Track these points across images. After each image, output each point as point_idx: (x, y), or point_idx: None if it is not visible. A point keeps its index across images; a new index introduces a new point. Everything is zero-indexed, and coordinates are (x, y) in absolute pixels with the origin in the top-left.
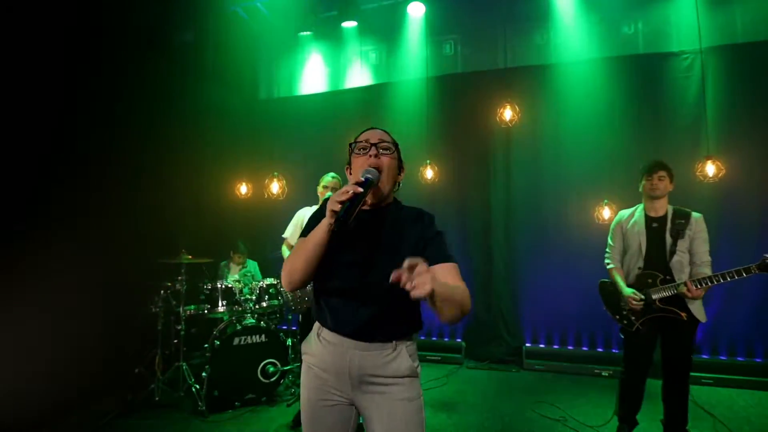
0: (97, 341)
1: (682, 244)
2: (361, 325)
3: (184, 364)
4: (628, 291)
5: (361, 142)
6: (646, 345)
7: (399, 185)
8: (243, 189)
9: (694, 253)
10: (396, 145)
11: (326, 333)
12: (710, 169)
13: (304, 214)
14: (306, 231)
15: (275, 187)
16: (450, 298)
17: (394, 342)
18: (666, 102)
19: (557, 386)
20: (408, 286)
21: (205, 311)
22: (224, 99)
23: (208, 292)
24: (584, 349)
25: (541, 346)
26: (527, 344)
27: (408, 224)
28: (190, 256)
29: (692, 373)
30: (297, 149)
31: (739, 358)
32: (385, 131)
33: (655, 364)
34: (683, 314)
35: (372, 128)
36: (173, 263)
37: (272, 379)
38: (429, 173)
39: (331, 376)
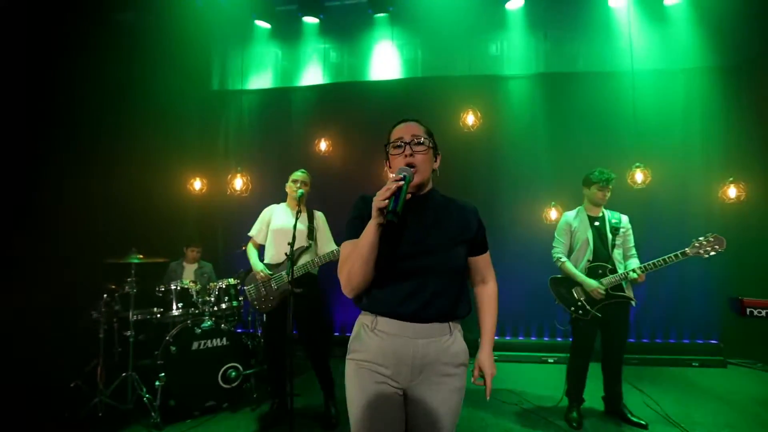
0: (28, 352)
1: (618, 239)
2: (420, 304)
3: (134, 373)
4: (594, 284)
5: (395, 141)
6: (592, 332)
7: (437, 172)
8: (197, 184)
9: (625, 248)
10: (430, 135)
11: (383, 324)
12: (639, 176)
13: (272, 212)
14: (352, 233)
15: (239, 183)
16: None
17: (449, 324)
18: (602, 116)
19: (511, 374)
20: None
21: (158, 315)
22: (173, 86)
23: (161, 294)
24: (533, 338)
25: (495, 337)
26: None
27: (451, 209)
28: (141, 256)
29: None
30: (253, 144)
31: (658, 340)
32: (417, 123)
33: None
34: (633, 299)
35: (404, 122)
36: (121, 263)
37: (234, 384)
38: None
39: (389, 367)
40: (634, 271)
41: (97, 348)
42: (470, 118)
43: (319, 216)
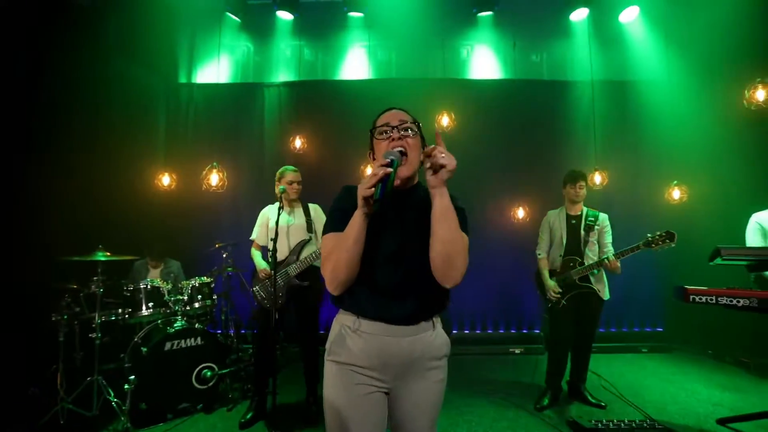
0: None
1: (593, 236)
2: (408, 307)
3: (100, 377)
4: (551, 283)
5: (381, 126)
6: (569, 321)
7: (424, 164)
8: (165, 180)
9: (601, 243)
10: (418, 124)
11: (367, 326)
12: (597, 178)
13: (269, 214)
14: (334, 225)
15: (215, 178)
16: (450, 230)
17: (432, 319)
18: (564, 122)
19: (483, 367)
20: (438, 161)
21: (126, 315)
22: (138, 78)
23: (128, 293)
24: (500, 331)
25: (466, 332)
26: (454, 331)
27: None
28: (108, 253)
29: None
30: (224, 140)
31: (612, 329)
32: (404, 110)
33: None
34: (598, 288)
35: (390, 109)
36: (81, 262)
37: (209, 385)
38: (369, 171)
39: (375, 368)
40: (606, 258)
41: (56, 352)
42: (445, 120)
43: (315, 208)
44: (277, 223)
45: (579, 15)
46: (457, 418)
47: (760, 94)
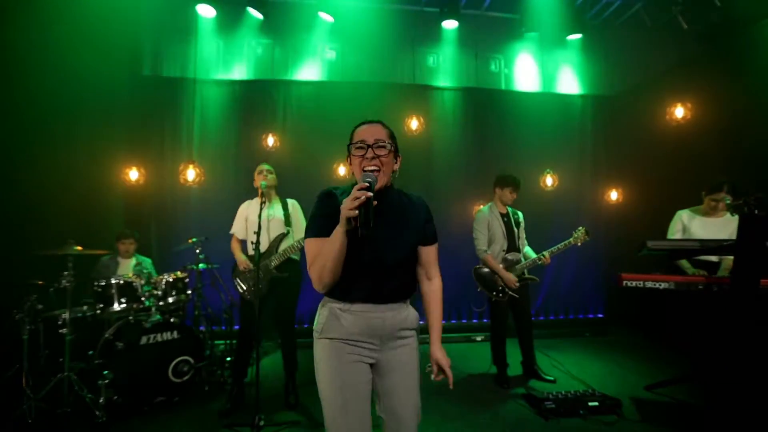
0: None
1: (521, 232)
2: (390, 292)
3: (72, 374)
4: (512, 276)
5: (357, 142)
6: (507, 308)
7: (396, 173)
8: (133, 174)
9: (522, 238)
10: (392, 138)
11: (357, 306)
12: (549, 180)
13: (248, 207)
14: (317, 231)
15: (191, 174)
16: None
17: (407, 300)
18: (518, 128)
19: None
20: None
21: (98, 311)
22: (103, 71)
23: (100, 289)
24: (463, 321)
25: (422, 322)
26: (421, 321)
27: (409, 207)
28: (79, 248)
29: None
30: (193, 135)
31: (561, 317)
32: (380, 124)
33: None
34: (537, 279)
35: (366, 123)
36: (55, 255)
37: (186, 378)
38: (341, 170)
39: (363, 339)
40: (543, 254)
41: (18, 351)
42: (414, 123)
43: (293, 203)
44: (259, 216)
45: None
46: (425, 394)
47: (678, 111)
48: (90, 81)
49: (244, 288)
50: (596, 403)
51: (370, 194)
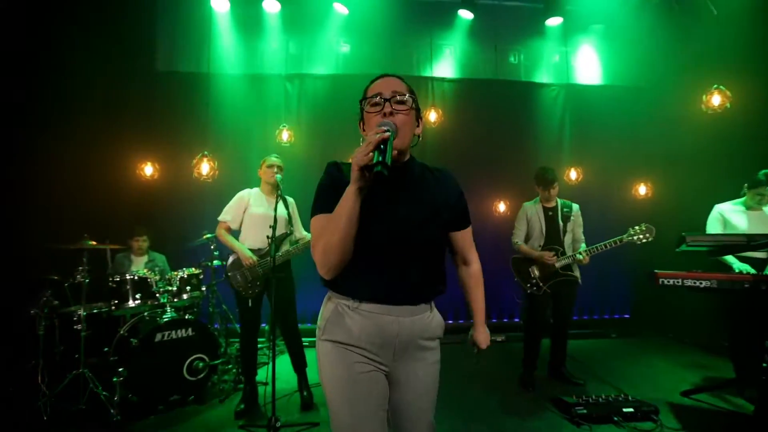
0: None
1: (569, 227)
2: (410, 288)
3: (87, 371)
4: (543, 252)
5: (373, 96)
6: (544, 306)
7: (419, 138)
8: (148, 170)
9: (576, 234)
10: (413, 93)
11: (367, 305)
12: (573, 174)
13: (249, 197)
14: (323, 206)
15: (205, 167)
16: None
17: (431, 302)
18: (543, 121)
19: (465, 353)
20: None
21: (112, 307)
22: (119, 67)
23: (114, 285)
24: (493, 320)
25: (449, 322)
26: (449, 321)
27: (434, 181)
28: (93, 242)
29: None
30: (209, 130)
31: (585, 317)
32: (398, 78)
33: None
34: (577, 275)
35: (384, 76)
36: (68, 250)
37: (200, 376)
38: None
39: (374, 347)
40: (579, 253)
41: (34, 347)
42: (432, 115)
43: (291, 202)
44: (275, 211)
45: (554, 21)
46: (447, 401)
47: (715, 99)
48: (107, 78)
49: (240, 283)
50: (631, 409)
51: (387, 134)
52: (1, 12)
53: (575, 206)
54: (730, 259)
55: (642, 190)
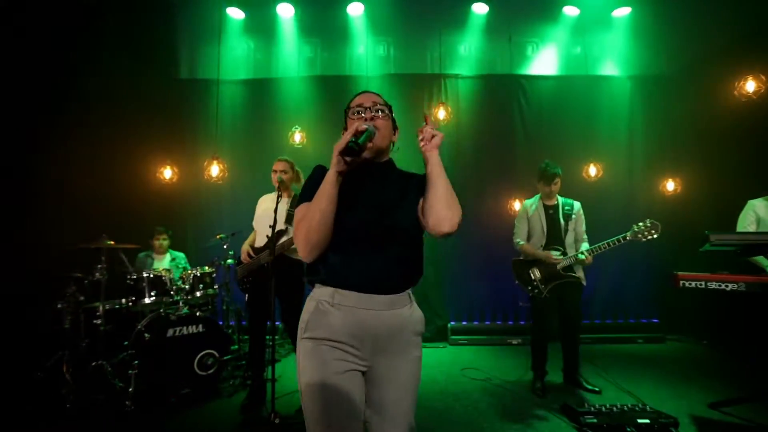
0: None
1: (571, 225)
2: (389, 272)
3: (106, 363)
4: (548, 252)
5: (355, 107)
6: (549, 309)
7: (394, 144)
8: (167, 173)
9: (578, 232)
10: (389, 107)
11: (344, 298)
12: (592, 170)
13: (263, 201)
14: (306, 197)
15: (215, 170)
16: (447, 183)
17: (408, 293)
18: (559, 115)
19: (479, 355)
20: (427, 140)
21: (129, 304)
22: (140, 73)
23: (132, 282)
24: (498, 323)
25: (464, 323)
26: (452, 322)
27: (408, 177)
28: (112, 242)
29: None
30: (225, 133)
31: (608, 321)
32: (377, 94)
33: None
34: (582, 279)
35: (364, 92)
36: (89, 249)
37: (210, 371)
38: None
39: (354, 343)
40: (582, 253)
41: (60, 340)
42: (441, 113)
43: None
44: (275, 211)
45: (571, 11)
46: (454, 403)
47: (750, 86)
48: (130, 85)
49: (239, 276)
50: (647, 420)
51: (365, 126)
52: (41, 25)
53: (577, 204)
54: (761, 259)
55: (670, 186)
